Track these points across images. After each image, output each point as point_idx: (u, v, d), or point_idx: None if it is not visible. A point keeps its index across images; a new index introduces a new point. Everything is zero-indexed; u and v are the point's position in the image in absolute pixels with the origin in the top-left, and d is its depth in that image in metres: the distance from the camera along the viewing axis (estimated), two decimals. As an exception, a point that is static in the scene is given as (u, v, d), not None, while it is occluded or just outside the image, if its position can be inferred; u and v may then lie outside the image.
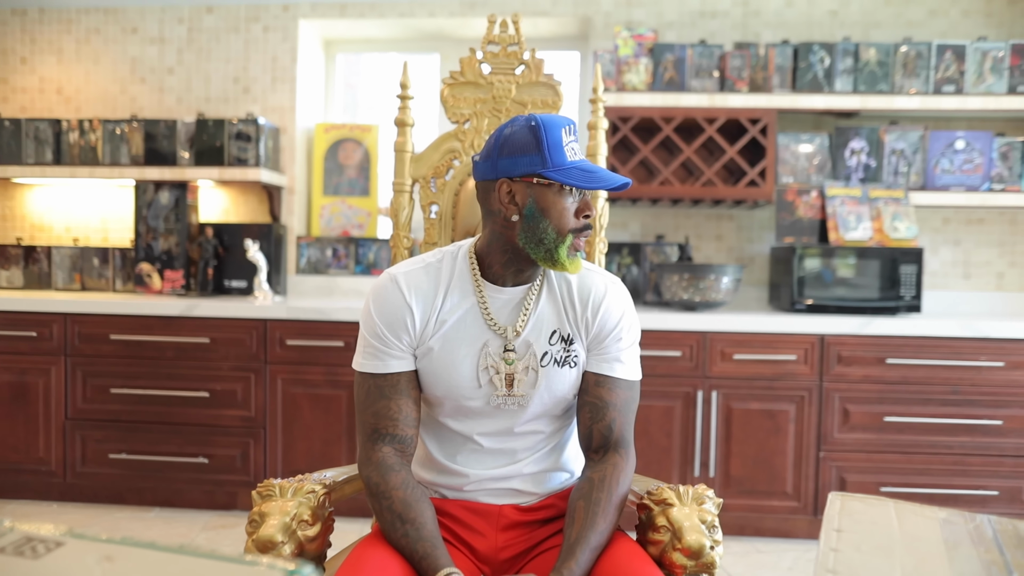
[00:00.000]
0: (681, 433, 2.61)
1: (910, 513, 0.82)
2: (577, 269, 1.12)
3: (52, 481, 2.80)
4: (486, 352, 1.14)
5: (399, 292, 1.14)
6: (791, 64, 2.86)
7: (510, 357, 1.14)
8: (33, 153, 3.13)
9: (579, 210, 1.11)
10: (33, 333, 2.76)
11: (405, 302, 1.13)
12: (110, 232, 3.34)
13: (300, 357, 2.68)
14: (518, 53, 1.58)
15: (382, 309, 1.14)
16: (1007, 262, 3.11)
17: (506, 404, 1.15)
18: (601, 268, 1.24)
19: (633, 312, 1.20)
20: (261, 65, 3.27)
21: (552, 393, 1.15)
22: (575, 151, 1.10)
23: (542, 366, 1.14)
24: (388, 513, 1.07)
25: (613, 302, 1.17)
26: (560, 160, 1.08)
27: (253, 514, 1.08)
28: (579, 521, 1.06)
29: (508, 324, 1.15)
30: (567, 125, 1.10)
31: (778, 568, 2.40)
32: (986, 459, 2.56)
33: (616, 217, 3.18)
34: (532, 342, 1.15)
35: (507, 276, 1.15)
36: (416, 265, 1.18)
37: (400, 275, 1.15)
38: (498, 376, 1.14)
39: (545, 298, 1.17)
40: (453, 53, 3.39)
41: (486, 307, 1.15)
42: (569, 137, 1.10)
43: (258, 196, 3.29)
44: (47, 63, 3.35)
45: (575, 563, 1.02)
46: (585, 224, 1.11)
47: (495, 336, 1.15)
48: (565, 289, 1.18)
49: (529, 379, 1.15)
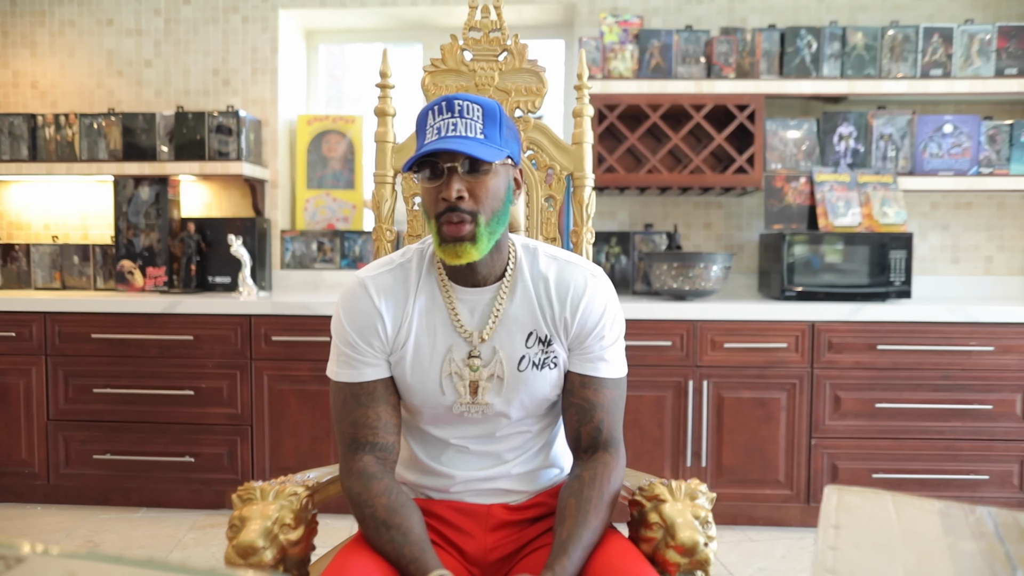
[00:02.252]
0: (672, 423, 2.59)
1: (909, 506, 0.80)
2: (454, 260, 1.02)
3: (35, 483, 2.75)
4: (450, 358, 1.10)
5: (368, 298, 1.10)
6: (778, 49, 2.84)
7: (474, 364, 1.10)
8: (8, 149, 3.06)
9: (438, 193, 1.02)
10: (12, 333, 2.71)
11: (375, 307, 1.09)
12: (90, 229, 3.28)
13: (286, 353, 2.64)
14: (500, 39, 1.54)
15: (352, 316, 1.10)
16: (995, 246, 3.10)
17: (470, 412, 1.11)
18: (584, 259, 1.18)
19: (616, 307, 1.14)
20: (241, 56, 3.21)
21: (532, 396, 1.12)
22: (445, 127, 1.01)
23: (519, 371, 1.10)
24: (372, 521, 1.04)
25: (594, 298, 1.11)
26: (419, 144, 1.03)
27: (233, 518, 1.05)
28: (570, 518, 1.03)
29: (476, 328, 1.10)
30: (437, 104, 1.03)
31: (771, 556, 2.39)
32: (977, 443, 2.56)
33: (604, 206, 3.15)
34: (500, 348, 1.10)
35: (465, 274, 1.09)
36: (384, 268, 1.13)
37: (368, 279, 1.11)
38: (462, 383, 1.10)
39: (519, 298, 1.11)
40: (436, 42, 3.34)
41: (454, 309, 1.11)
42: (438, 118, 1.02)
43: (241, 190, 3.23)
44: (20, 56, 3.28)
45: (568, 560, 0.98)
46: (445, 207, 1.01)
47: (461, 341, 1.10)
48: (542, 287, 1.11)
49: (494, 387, 1.10)
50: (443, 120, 1.02)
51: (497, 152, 1.03)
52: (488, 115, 1.04)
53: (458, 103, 1.03)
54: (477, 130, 1.02)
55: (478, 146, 1.00)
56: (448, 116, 1.02)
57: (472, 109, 1.03)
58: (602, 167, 2.82)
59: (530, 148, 1.54)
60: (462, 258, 1.03)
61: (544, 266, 1.13)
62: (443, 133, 1.01)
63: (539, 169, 1.55)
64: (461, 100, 1.03)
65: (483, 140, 1.02)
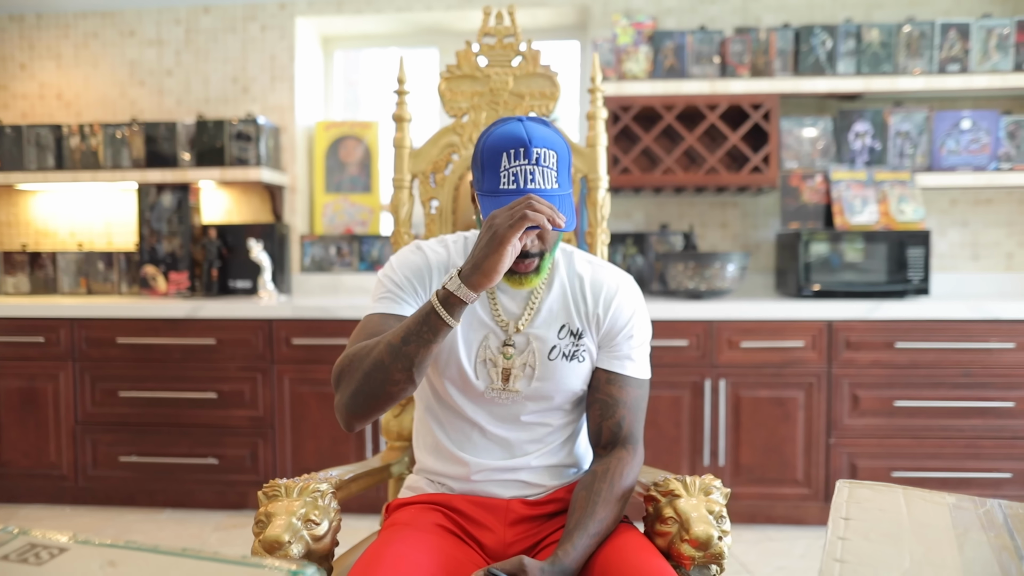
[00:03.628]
0: (690, 423, 2.60)
1: (919, 499, 0.81)
2: (517, 287, 1.10)
3: (64, 485, 2.81)
4: (486, 345, 1.15)
5: (424, 256, 1.17)
6: (792, 47, 2.84)
7: (508, 352, 1.14)
8: (35, 159, 3.13)
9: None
10: (41, 339, 2.77)
11: (428, 263, 1.16)
12: (114, 236, 3.35)
13: (307, 356, 2.68)
14: (514, 44, 1.57)
15: (406, 262, 1.17)
16: (1016, 242, 3.08)
17: (500, 398, 1.15)
18: (613, 265, 1.23)
19: (645, 311, 1.20)
20: (259, 64, 3.26)
21: (560, 387, 1.15)
22: (523, 175, 1.03)
23: (550, 359, 1.14)
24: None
25: (625, 299, 1.17)
26: (491, 186, 1.05)
27: (259, 515, 1.07)
28: (579, 509, 1.07)
29: (512, 318, 1.15)
30: (512, 148, 1.03)
31: (791, 555, 2.39)
32: (999, 442, 2.53)
33: (619, 207, 3.16)
34: (533, 339, 1.14)
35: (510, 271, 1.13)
36: (438, 243, 1.21)
37: (425, 245, 1.19)
38: (495, 369, 1.14)
39: (555, 292, 1.17)
40: (451, 47, 3.37)
41: (494, 299, 1.16)
42: (514, 163, 1.03)
43: (260, 196, 3.29)
44: (46, 69, 3.35)
45: (571, 546, 1.02)
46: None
47: (497, 329, 1.15)
48: (577, 284, 1.18)
49: (526, 375, 1.14)
50: (519, 166, 1.03)
51: (572, 213, 1.06)
52: (561, 163, 1.07)
53: (536, 152, 1.03)
54: (552, 179, 1.05)
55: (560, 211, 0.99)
56: (525, 163, 1.03)
57: (548, 157, 1.05)
58: (617, 168, 2.83)
59: (544, 151, 1.56)
60: (524, 286, 1.10)
61: (580, 267, 1.20)
62: (522, 184, 1.03)
63: (553, 171, 1.56)
64: (539, 148, 1.04)
65: (559, 194, 1.05)
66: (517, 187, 1.04)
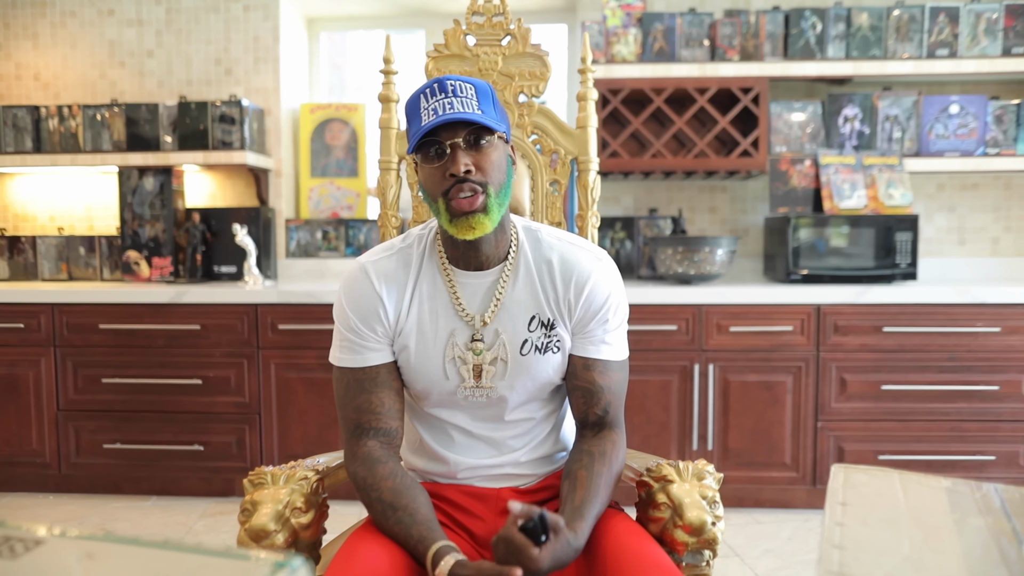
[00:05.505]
0: (679, 407, 2.60)
1: (915, 484, 0.80)
2: (468, 233, 1.03)
3: (47, 473, 2.78)
4: (453, 342, 1.10)
5: (369, 283, 1.10)
6: (782, 31, 2.82)
7: (477, 347, 1.10)
8: (12, 141, 3.06)
9: (443, 171, 1.02)
10: (21, 325, 2.72)
11: (376, 292, 1.10)
12: (95, 220, 3.29)
13: (293, 341, 2.65)
14: (504, 24, 1.54)
15: (354, 301, 1.10)
16: (1002, 227, 3.09)
17: (474, 396, 1.11)
18: (590, 242, 1.18)
19: (621, 290, 1.14)
20: (243, 45, 3.20)
21: (535, 381, 1.12)
22: (441, 107, 1.01)
23: (522, 355, 1.10)
24: (379, 504, 1.05)
25: (599, 282, 1.10)
26: (415, 128, 1.03)
27: (245, 503, 1.06)
28: (582, 488, 1.03)
29: (478, 312, 1.10)
30: (429, 87, 1.03)
31: (777, 538, 2.40)
32: (983, 424, 2.56)
33: (608, 191, 3.14)
34: (503, 331, 1.10)
35: (468, 257, 1.09)
36: (385, 253, 1.14)
37: (369, 264, 1.12)
38: (465, 367, 1.10)
39: (521, 281, 1.11)
40: (438, 28, 3.32)
41: (455, 293, 1.11)
42: (431, 100, 1.02)
43: (245, 179, 3.24)
44: (23, 48, 3.27)
45: (584, 523, 0.99)
46: (452, 182, 1.02)
47: (463, 325, 1.10)
48: (545, 269, 1.11)
49: (498, 370, 1.10)
50: (437, 101, 1.01)
51: (497, 123, 1.04)
52: (481, 93, 1.04)
53: (450, 83, 1.03)
54: (473, 107, 1.02)
55: (481, 117, 1.01)
56: (442, 97, 1.02)
57: (465, 88, 1.03)
58: (606, 152, 2.81)
59: (535, 132, 1.53)
60: (476, 230, 1.02)
61: (548, 249, 1.12)
62: (440, 112, 1.01)
63: (544, 154, 1.54)
64: (453, 80, 1.03)
65: (481, 115, 1.02)
66: (437, 116, 1.00)
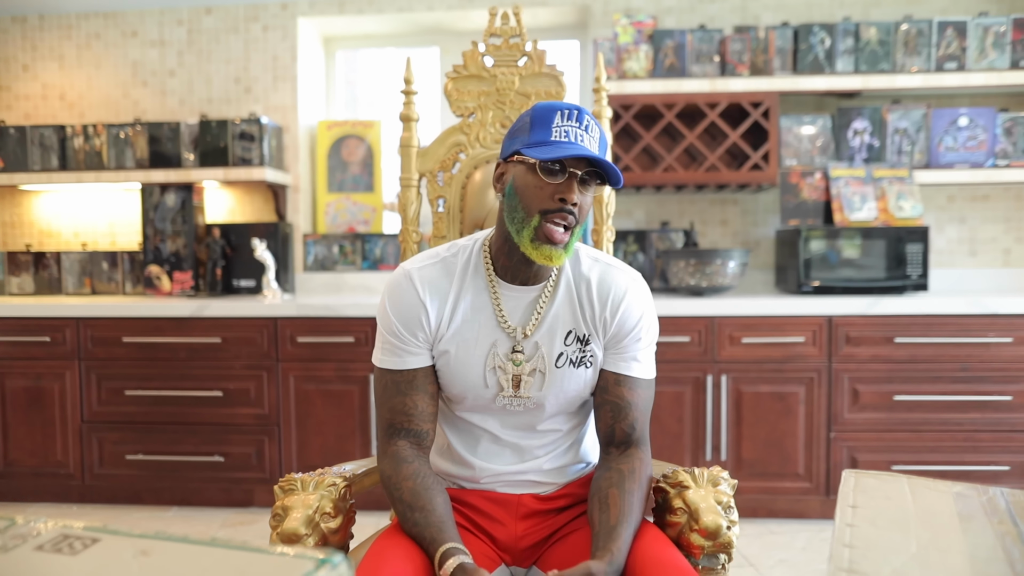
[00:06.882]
0: (692, 418, 2.62)
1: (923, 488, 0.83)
2: (544, 261, 1.06)
3: (71, 484, 2.83)
4: (494, 352, 1.14)
5: (413, 290, 1.13)
6: (791, 46, 2.86)
7: (518, 358, 1.14)
8: (39, 160, 3.15)
9: (555, 192, 1.04)
10: (46, 338, 2.79)
11: (419, 300, 1.13)
12: (118, 236, 3.37)
13: (311, 354, 2.70)
14: (520, 45, 1.59)
15: (397, 307, 1.14)
16: (1013, 238, 3.10)
17: (512, 405, 1.15)
18: (624, 263, 1.22)
19: (653, 311, 1.18)
20: (262, 64, 3.28)
21: (567, 393, 1.15)
22: (573, 134, 1.04)
23: (556, 367, 1.13)
24: (399, 504, 1.09)
25: (633, 302, 1.15)
26: (541, 137, 1.04)
27: (276, 508, 1.10)
28: (615, 507, 1.05)
29: (519, 324, 1.14)
30: (567, 109, 1.05)
31: (792, 548, 2.41)
32: (997, 435, 2.56)
33: (621, 205, 3.18)
34: (542, 344, 1.14)
35: (517, 271, 1.13)
36: (430, 260, 1.17)
37: (415, 271, 1.15)
38: (505, 377, 1.14)
39: (561, 297, 1.15)
40: (453, 46, 3.39)
41: (499, 306, 1.14)
42: (566, 121, 1.05)
43: (263, 195, 3.30)
44: (49, 69, 3.37)
45: (622, 543, 1.01)
46: (559, 207, 1.04)
47: (505, 336, 1.14)
48: (584, 288, 1.15)
49: (536, 381, 1.14)
50: (571, 127, 1.04)
51: (613, 180, 1.06)
52: (603, 143, 1.09)
53: (587, 118, 1.06)
54: (596, 148, 1.07)
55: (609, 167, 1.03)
56: (576, 126, 1.05)
57: (594, 129, 1.07)
58: (618, 166, 2.85)
59: (550, 150, 1.58)
60: (552, 261, 1.06)
61: (587, 268, 1.17)
62: (573, 139, 1.03)
63: (559, 170, 1.59)
64: (588, 117, 1.07)
65: (610, 164, 1.05)
66: (568, 141, 1.04)
